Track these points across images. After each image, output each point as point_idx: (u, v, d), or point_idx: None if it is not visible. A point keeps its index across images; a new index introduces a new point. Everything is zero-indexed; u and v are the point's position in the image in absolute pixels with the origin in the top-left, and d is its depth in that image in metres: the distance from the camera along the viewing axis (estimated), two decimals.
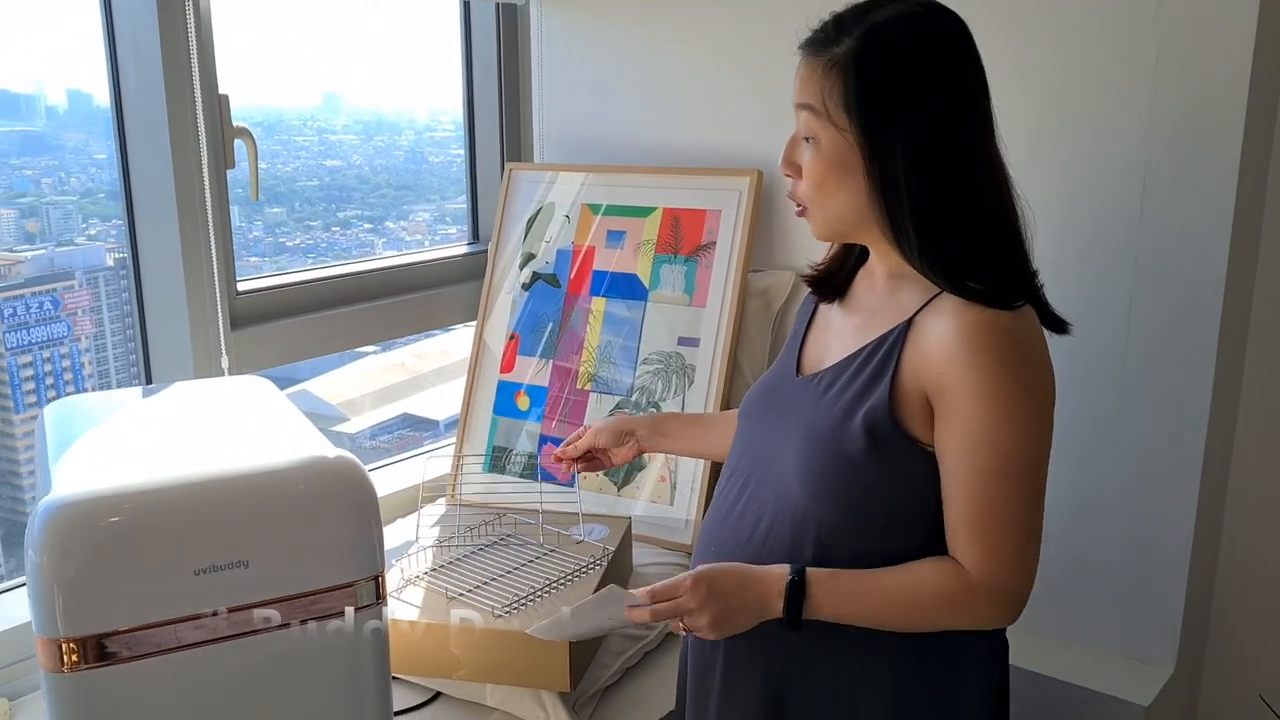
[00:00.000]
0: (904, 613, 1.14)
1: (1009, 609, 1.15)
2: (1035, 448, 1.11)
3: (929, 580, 1.13)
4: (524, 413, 2.08)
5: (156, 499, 1.12)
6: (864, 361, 1.16)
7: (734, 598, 1.14)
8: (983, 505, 1.10)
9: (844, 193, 1.13)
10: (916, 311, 1.14)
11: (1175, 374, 1.64)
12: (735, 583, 1.14)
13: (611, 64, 2.18)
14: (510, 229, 2.16)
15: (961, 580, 1.12)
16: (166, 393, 1.46)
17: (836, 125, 1.11)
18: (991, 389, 1.07)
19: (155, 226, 1.75)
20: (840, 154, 1.12)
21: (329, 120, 2.39)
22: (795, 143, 1.18)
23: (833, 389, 1.18)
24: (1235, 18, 1.51)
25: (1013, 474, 1.10)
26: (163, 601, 1.10)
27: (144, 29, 1.67)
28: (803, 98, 1.14)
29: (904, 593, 1.13)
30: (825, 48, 1.12)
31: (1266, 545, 1.83)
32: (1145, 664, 1.74)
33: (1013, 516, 1.11)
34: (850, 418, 1.14)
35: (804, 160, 1.16)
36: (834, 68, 1.11)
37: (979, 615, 1.15)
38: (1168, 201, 1.61)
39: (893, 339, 1.14)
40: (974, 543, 1.11)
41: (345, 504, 1.19)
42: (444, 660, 1.49)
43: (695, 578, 1.14)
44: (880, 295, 1.21)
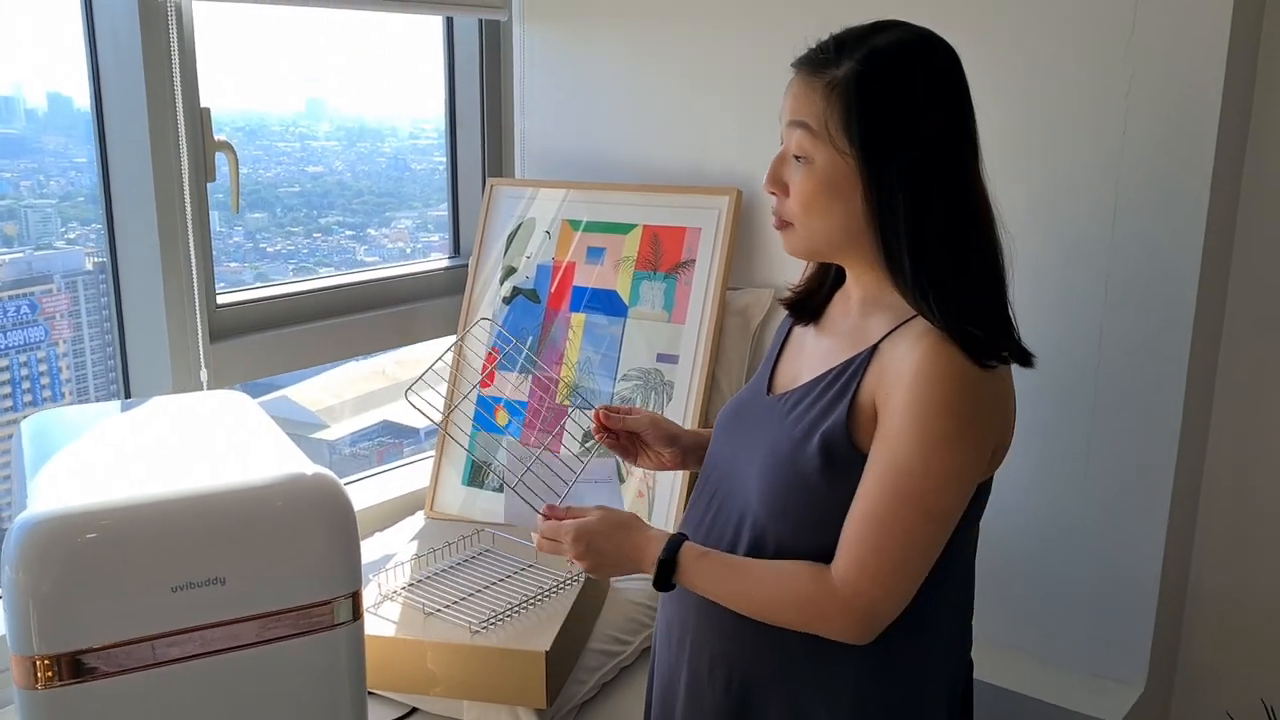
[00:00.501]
0: (760, 604, 1.17)
1: (858, 626, 1.13)
2: (943, 485, 1.10)
3: (792, 577, 1.15)
4: (503, 428, 2.09)
5: (133, 516, 1.12)
6: (828, 385, 1.17)
7: (610, 555, 1.23)
8: (868, 517, 1.11)
9: (832, 214, 1.14)
10: (882, 338, 1.16)
11: (1147, 395, 1.66)
12: (613, 544, 1.23)
13: (593, 82, 2.19)
14: (491, 244, 2.17)
15: (822, 584, 1.13)
16: (145, 407, 1.46)
17: (836, 147, 1.11)
18: (921, 413, 1.08)
19: (135, 239, 1.75)
20: (835, 176, 1.12)
21: (311, 126, 2.38)
22: (784, 160, 1.17)
23: (796, 410, 1.19)
24: (1208, 44, 1.53)
25: (908, 499, 1.09)
26: (139, 618, 1.10)
27: (126, 42, 1.68)
28: (798, 116, 1.14)
29: (765, 585, 1.16)
30: (824, 68, 1.12)
31: (1235, 565, 1.85)
32: (1116, 682, 1.75)
33: (892, 538, 1.10)
34: (809, 439, 1.16)
35: (792, 178, 1.16)
36: (835, 89, 1.11)
37: (827, 622, 1.14)
38: (1139, 226, 1.63)
39: (857, 364, 1.16)
40: (848, 549, 1.12)
41: (323, 521, 1.19)
42: (420, 676, 1.50)
43: (576, 533, 1.23)
44: (853, 320, 1.22)
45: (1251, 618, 1.86)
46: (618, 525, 1.24)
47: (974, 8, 1.70)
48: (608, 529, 1.23)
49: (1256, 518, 1.82)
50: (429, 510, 2.09)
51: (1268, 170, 1.71)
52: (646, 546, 1.21)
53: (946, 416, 1.09)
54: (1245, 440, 1.81)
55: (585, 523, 1.23)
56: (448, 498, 2.09)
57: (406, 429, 2.64)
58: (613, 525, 1.24)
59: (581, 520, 1.24)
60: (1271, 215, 1.72)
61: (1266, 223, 1.73)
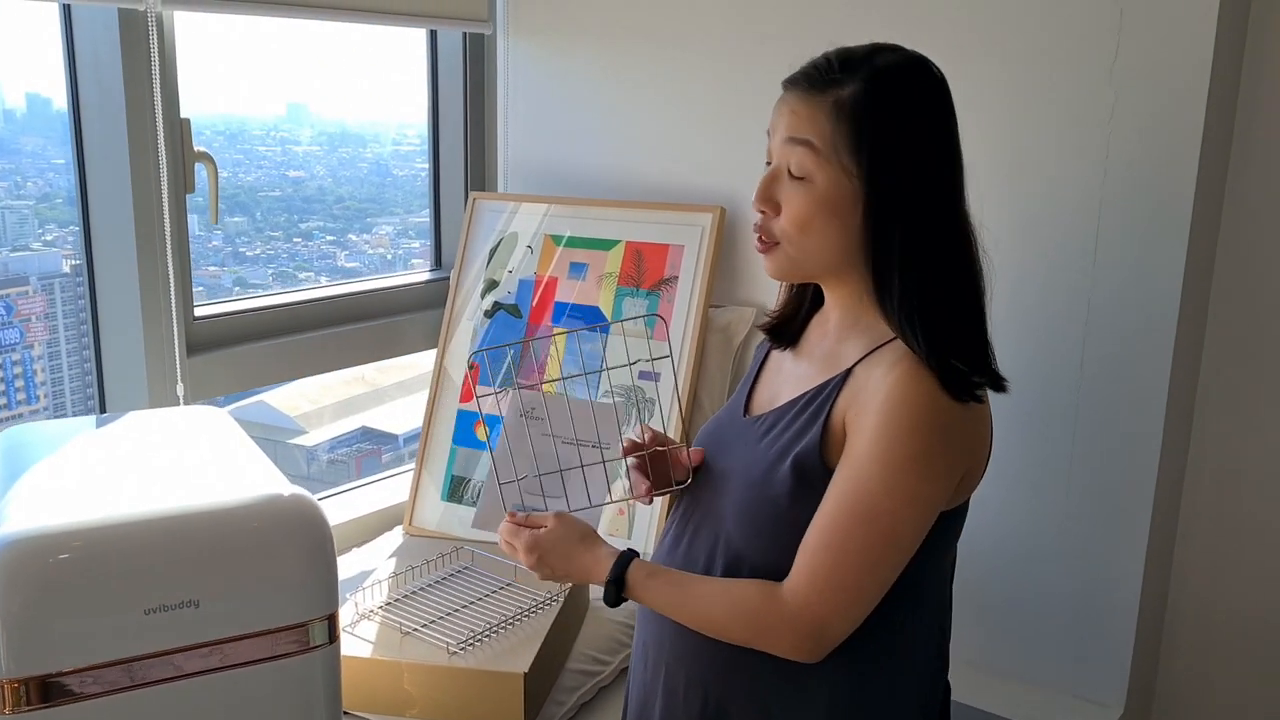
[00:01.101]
0: (709, 620, 1.17)
1: (805, 641, 1.12)
2: (901, 508, 1.09)
3: (738, 595, 1.14)
4: (483, 444, 2.08)
5: (106, 536, 1.10)
6: (802, 409, 1.17)
7: (560, 568, 1.24)
8: (823, 532, 1.10)
9: (827, 235, 1.13)
10: (856, 362, 1.15)
11: (1127, 417, 1.67)
12: (564, 558, 1.23)
13: (577, 97, 2.19)
14: (473, 258, 2.16)
15: (769, 599, 1.12)
16: (120, 423, 1.44)
17: (840, 167, 1.10)
18: (885, 436, 1.08)
19: (112, 251, 1.73)
20: (835, 196, 1.11)
21: (293, 131, 2.37)
22: (777, 178, 1.14)
23: (771, 433, 1.19)
24: (1190, 70, 1.54)
25: (865, 519, 1.08)
26: (111, 641, 1.08)
27: (106, 52, 1.66)
28: (799, 133, 1.11)
29: (712, 601, 1.16)
30: (828, 86, 1.10)
31: (1215, 587, 1.86)
32: (1096, 704, 1.76)
33: (846, 556, 1.09)
34: (781, 461, 1.15)
35: (785, 197, 1.13)
36: (843, 108, 1.09)
37: (775, 636, 1.13)
38: (1121, 249, 1.63)
39: (831, 387, 1.15)
40: (801, 562, 1.11)
41: (299, 543, 1.18)
42: (397, 697, 1.48)
43: (529, 543, 1.23)
44: (829, 344, 1.22)
45: (1231, 640, 1.86)
46: (571, 539, 1.24)
47: (958, 34, 1.71)
48: (560, 543, 1.24)
49: (1236, 539, 1.83)
50: (408, 526, 2.07)
51: (1248, 195, 1.72)
52: (595, 565, 1.22)
53: (912, 441, 1.08)
54: (1225, 462, 1.82)
55: (539, 535, 1.24)
56: (427, 513, 2.08)
57: (386, 435, 2.62)
58: (566, 539, 1.24)
59: (535, 532, 1.24)
60: (1251, 239, 1.73)
61: (1247, 247, 1.74)
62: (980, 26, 1.70)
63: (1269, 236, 1.72)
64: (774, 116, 1.16)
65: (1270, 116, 1.69)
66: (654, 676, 1.27)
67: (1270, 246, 1.72)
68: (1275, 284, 1.73)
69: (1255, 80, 1.69)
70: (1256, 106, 1.70)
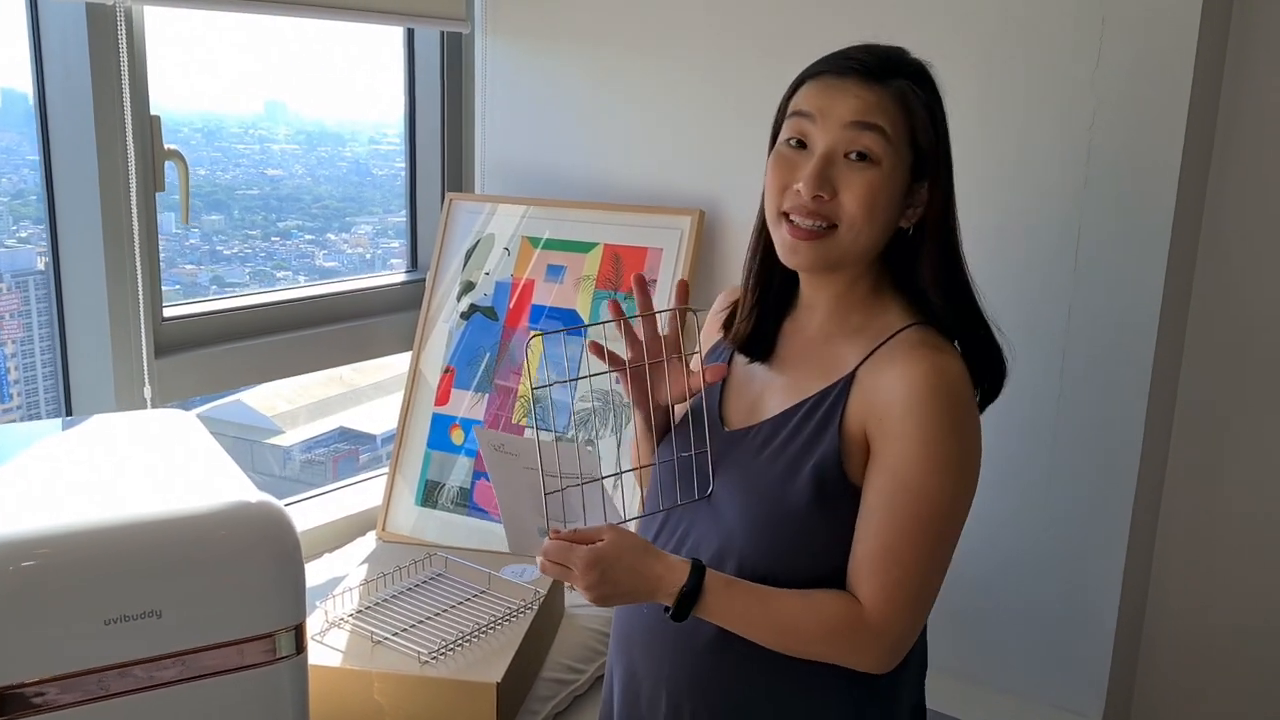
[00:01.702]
0: (789, 638, 1.13)
1: (887, 654, 1.12)
2: (954, 503, 1.11)
3: (825, 610, 1.12)
4: (458, 447, 2.05)
5: (67, 544, 1.07)
6: (805, 417, 1.15)
7: (624, 584, 1.11)
8: (889, 546, 1.10)
9: (882, 220, 1.13)
10: (859, 365, 1.14)
11: (1107, 426, 1.66)
12: (629, 572, 1.11)
13: (555, 97, 2.17)
14: (449, 259, 2.13)
15: (856, 617, 1.11)
16: (84, 427, 1.41)
17: (906, 155, 1.12)
18: (927, 436, 1.08)
19: (79, 250, 1.70)
20: (896, 182, 1.12)
21: (271, 129, 2.34)
22: (831, 161, 1.11)
23: (771, 444, 1.16)
24: (1171, 77, 1.54)
25: (926, 522, 1.09)
26: (70, 652, 1.06)
27: (74, 48, 1.63)
28: (869, 117, 1.10)
29: (796, 619, 1.12)
30: (889, 77, 1.11)
31: (1192, 597, 1.85)
32: (1074, 714, 1.75)
33: (915, 565, 1.10)
34: (796, 472, 1.13)
35: (846, 180, 1.11)
36: (911, 99, 1.11)
37: (858, 654, 1.12)
38: (1101, 255, 1.63)
39: (836, 393, 1.14)
40: (873, 580, 1.10)
41: (266, 551, 1.15)
42: (367, 708, 1.46)
43: (589, 560, 1.09)
44: (815, 348, 1.20)
45: (1209, 649, 1.86)
46: (634, 550, 1.11)
47: (940, 39, 1.69)
48: (625, 555, 1.11)
49: (1214, 549, 1.83)
50: (380, 531, 2.04)
51: (1229, 201, 1.72)
52: (666, 575, 1.11)
53: (954, 437, 1.09)
54: (1203, 473, 1.81)
55: (600, 549, 1.10)
56: (400, 518, 2.05)
57: (363, 435, 2.60)
58: (631, 550, 1.11)
59: (596, 546, 1.10)
60: (1231, 246, 1.73)
61: (1227, 254, 1.74)
62: (962, 32, 1.68)
63: (1249, 243, 1.72)
64: (822, 100, 1.12)
65: (1251, 122, 1.69)
66: (651, 707, 1.23)
67: (1250, 254, 1.72)
68: (1255, 291, 1.73)
69: (1236, 86, 1.68)
70: (1238, 112, 1.69)
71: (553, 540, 1.11)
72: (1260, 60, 1.66)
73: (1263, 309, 1.72)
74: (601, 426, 1.96)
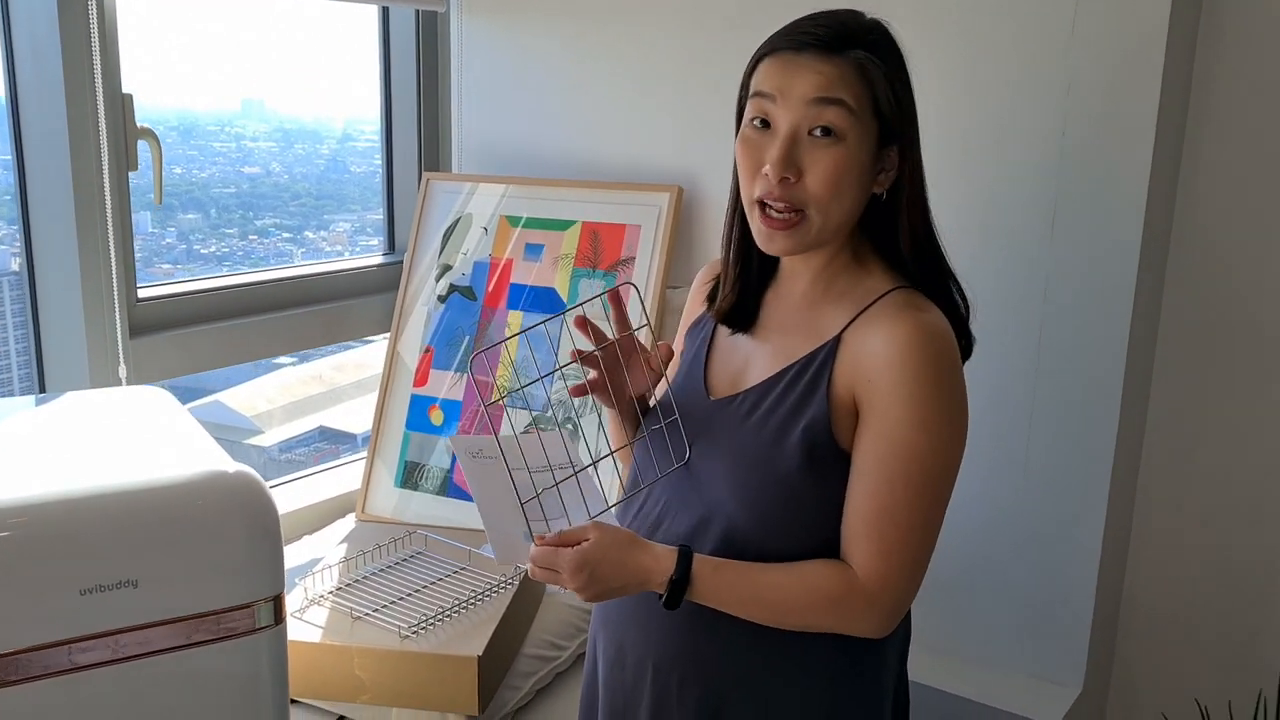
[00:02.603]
0: (784, 612, 1.13)
1: (885, 619, 1.13)
2: (946, 460, 1.11)
3: (814, 581, 1.12)
4: (437, 428, 2.04)
5: (40, 515, 1.06)
6: (792, 381, 1.15)
7: (614, 580, 1.11)
8: (885, 508, 1.10)
9: (853, 195, 1.12)
10: (844, 328, 1.14)
11: (1084, 399, 1.67)
12: (616, 568, 1.11)
13: (533, 76, 2.16)
14: (427, 240, 2.12)
15: (847, 583, 1.11)
16: (58, 402, 1.40)
17: (872, 126, 1.10)
18: (917, 397, 1.08)
19: (52, 228, 1.68)
20: (864, 155, 1.11)
21: (247, 126, 2.32)
22: (796, 141, 1.10)
23: (758, 410, 1.16)
24: (1145, 48, 1.54)
25: (920, 483, 1.10)
26: (45, 623, 1.05)
27: (42, 24, 1.61)
28: (830, 92, 1.09)
29: (787, 593, 1.12)
30: (847, 47, 1.09)
31: (1169, 568, 1.87)
32: (1054, 684, 1.75)
33: (911, 526, 1.10)
34: (785, 436, 1.13)
35: (811, 160, 1.10)
36: (872, 68, 1.09)
37: (856, 620, 1.13)
38: (1077, 229, 1.63)
39: (822, 357, 1.14)
40: (869, 544, 1.11)
41: (244, 521, 1.14)
42: (348, 683, 1.45)
43: (576, 563, 1.10)
44: (799, 314, 1.20)
45: (1185, 619, 1.87)
46: (621, 545, 1.11)
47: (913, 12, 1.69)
48: (611, 551, 1.11)
49: (1190, 521, 1.84)
50: (360, 513, 2.03)
51: (1203, 173, 1.73)
52: (654, 565, 1.11)
53: (943, 396, 1.09)
54: (1179, 446, 1.82)
55: (586, 550, 1.10)
56: (380, 500, 2.04)
57: (343, 434, 2.58)
58: (615, 546, 1.11)
59: (582, 547, 1.10)
60: (1207, 218, 1.74)
61: (1202, 227, 1.75)
62: (938, 5, 1.68)
63: (1225, 210, 1.73)
64: (780, 79, 1.11)
65: (1225, 87, 1.70)
66: (636, 679, 1.23)
67: (1226, 221, 1.73)
68: (1231, 259, 1.74)
69: (1210, 50, 1.69)
70: (1212, 77, 1.70)
71: (539, 547, 1.11)
72: (1232, 23, 1.67)
73: (1239, 276, 1.74)
74: (582, 405, 1.95)
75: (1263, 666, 1.81)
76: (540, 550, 1.11)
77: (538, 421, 1.97)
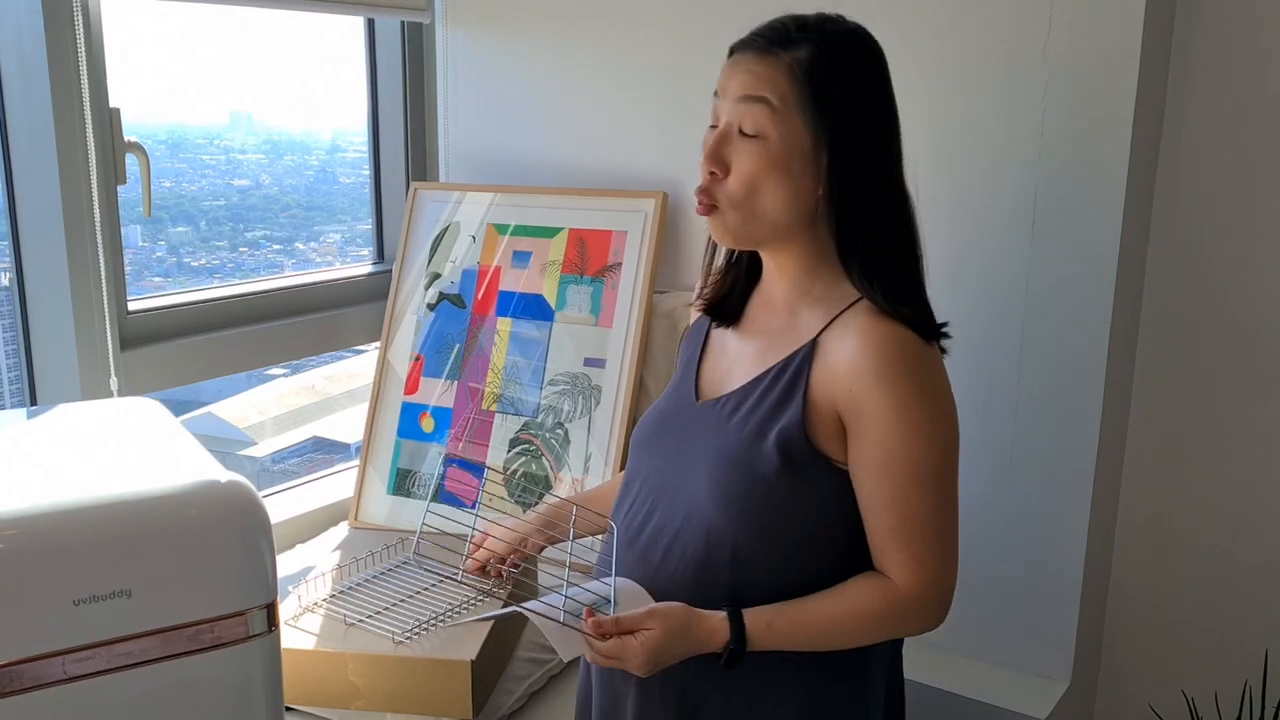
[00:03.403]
0: (841, 638, 1.17)
1: (937, 614, 1.17)
2: (946, 456, 1.14)
3: (861, 604, 1.15)
4: (429, 435, 2.05)
5: (32, 526, 1.07)
6: (770, 384, 1.17)
7: (674, 657, 1.15)
8: (905, 518, 1.13)
9: (777, 193, 1.13)
10: (820, 332, 1.15)
11: (1067, 394, 1.68)
12: (680, 648, 1.14)
13: (518, 85, 2.17)
14: (415, 249, 2.14)
15: (893, 595, 1.14)
16: (50, 414, 1.40)
17: (801, 124, 1.11)
18: (901, 404, 1.10)
19: (41, 241, 1.69)
20: (790, 154, 1.11)
21: (236, 139, 2.33)
22: (726, 138, 1.14)
23: (739, 412, 1.18)
24: (1121, 46, 1.56)
25: (929, 485, 1.12)
26: (39, 634, 1.05)
27: (29, 39, 1.62)
28: (756, 90, 1.12)
29: (839, 621, 1.15)
30: (785, 46, 1.12)
31: (1155, 561, 1.88)
32: (1042, 678, 1.77)
33: (934, 525, 1.14)
34: (763, 438, 1.15)
35: (736, 157, 1.13)
36: (801, 67, 1.11)
37: (911, 625, 1.18)
38: (1058, 226, 1.65)
39: (799, 360, 1.16)
40: (900, 554, 1.14)
41: (236, 529, 1.15)
42: (342, 689, 1.46)
43: (647, 653, 1.12)
44: (780, 317, 1.21)
45: (1172, 612, 1.89)
46: (680, 630, 1.14)
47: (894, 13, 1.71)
48: (673, 637, 1.14)
49: (1175, 514, 1.86)
50: (353, 520, 2.04)
51: (1182, 169, 1.75)
52: (711, 638, 1.15)
53: (924, 396, 1.12)
54: (1163, 437, 1.84)
55: (653, 638, 1.13)
56: (372, 507, 2.05)
57: (337, 444, 2.59)
58: (677, 631, 1.14)
59: (648, 637, 1.13)
60: (1185, 208, 1.76)
61: (1181, 218, 1.77)
62: (915, 5, 1.70)
63: (1203, 204, 1.75)
64: (724, 79, 1.15)
65: (1201, 83, 1.72)
66: (624, 675, 1.25)
67: (1205, 215, 1.75)
68: (1209, 260, 1.76)
69: (1186, 48, 1.72)
70: (1188, 74, 1.72)
71: (607, 641, 1.14)
72: (1207, 22, 1.69)
73: (1220, 270, 1.76)
74: (572, 411, 1.96)
75: (1249, 658, 1.82)
76: (610, 645, 1.13)
77: (527, 427, 1.98)
